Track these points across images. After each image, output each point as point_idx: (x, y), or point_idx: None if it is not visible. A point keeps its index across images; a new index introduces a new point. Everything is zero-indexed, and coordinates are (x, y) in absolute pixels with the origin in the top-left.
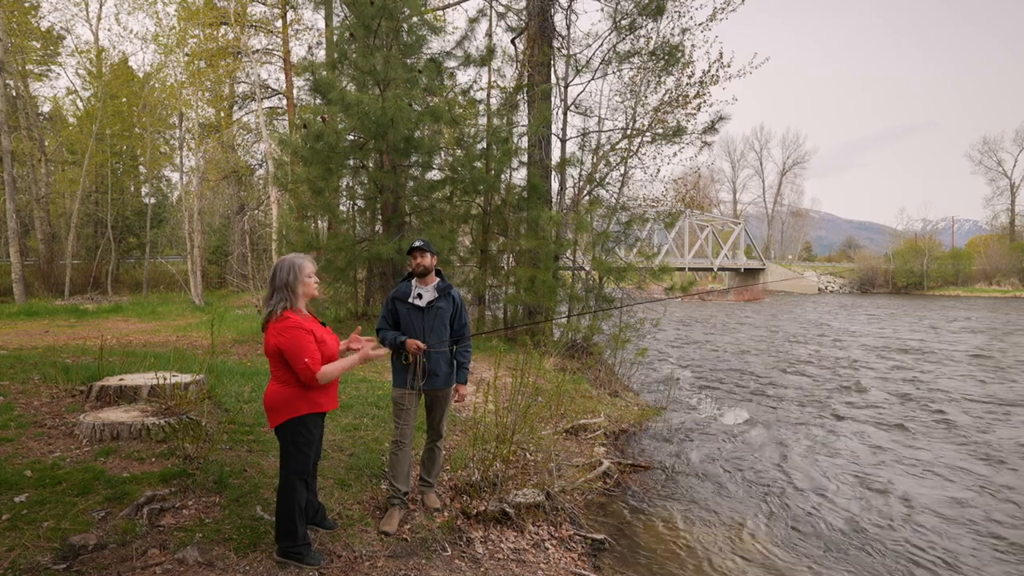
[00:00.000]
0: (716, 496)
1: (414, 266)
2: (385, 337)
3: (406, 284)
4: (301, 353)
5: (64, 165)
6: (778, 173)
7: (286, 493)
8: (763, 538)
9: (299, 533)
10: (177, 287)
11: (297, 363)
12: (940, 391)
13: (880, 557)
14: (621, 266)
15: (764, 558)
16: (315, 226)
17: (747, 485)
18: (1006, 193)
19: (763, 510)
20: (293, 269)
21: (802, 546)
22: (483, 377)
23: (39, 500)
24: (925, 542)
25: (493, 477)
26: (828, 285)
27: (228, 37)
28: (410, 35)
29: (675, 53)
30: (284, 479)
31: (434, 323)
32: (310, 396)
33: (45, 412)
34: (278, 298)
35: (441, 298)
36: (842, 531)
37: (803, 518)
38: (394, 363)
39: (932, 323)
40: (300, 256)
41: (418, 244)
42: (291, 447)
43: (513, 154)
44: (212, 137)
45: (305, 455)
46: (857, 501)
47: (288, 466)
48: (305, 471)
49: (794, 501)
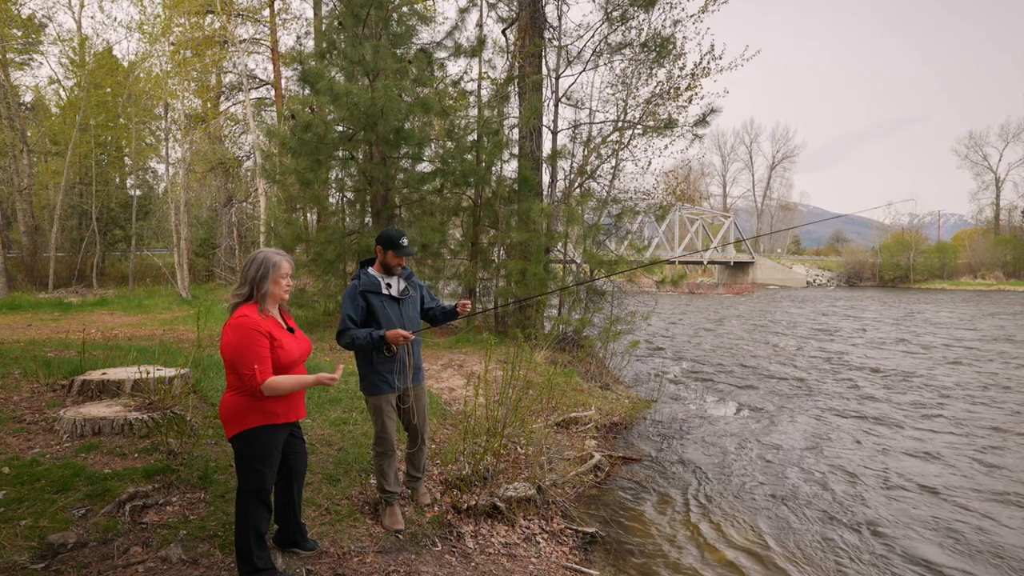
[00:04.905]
0: (706, 487)
1: (394, 265)
2: (356, 337)
3: (368, 275)
4: (249, 357)
5: (47, 156)
6: (768, 167)
7: (240, 513)
8: (753, 528)
9: (256, 559)
10: (164, 280)
11: (243, 367)
12: (926, 380)
13: (872, 545)
14: (612, 259)
15: (754, 548)
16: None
17: (737, 476)
18: (991, 187)
19: (753, 500)
20: (266, 266)
21: (793, 535)
22: (474, 370)
23: (17, 498)
24: (917, 529)
25: (484, 471)
26: (816, 278)
27: (214, 26)
28: (400, 25)
29: (666, 45)
30: (238, 497)
31: (411, 312)
32: (263, 406)
33: (25, 407)
34: (242, 293)
35: (411, 286)
36: (832, 520)
37: (793, 507)
38: (369, 367)
39: (918, 315)
40: (278, 253)
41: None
42: (243, 462)
43: (504, 146)
44: (199, 128)
45: (258, 472)
46: (847, 489)
47: (241, 482)
48: (261, 489)
49: (784, 491)
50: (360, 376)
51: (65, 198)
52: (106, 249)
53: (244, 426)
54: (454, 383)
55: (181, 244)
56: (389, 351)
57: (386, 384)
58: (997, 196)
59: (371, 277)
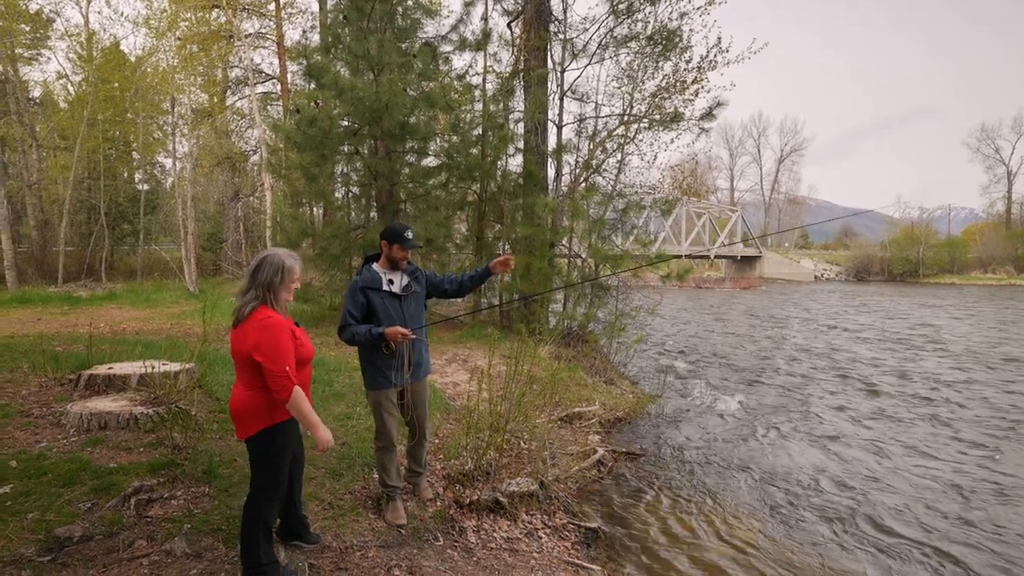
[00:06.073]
0: (710, 483)
1: (399, 259)
2: (356, 332)
3: (371, 271)
4: (283, 357)
5: (56, 151)
6: (776, 160)
7: (254, 510)
8: (756, 524)
9: (262, 554)
10: (171, 274)
11: (277, 367)
12: (935, 378)
13: (871, 543)
14: (617, 254)
15: (757, 545)
16: (310, 213)
17: (741, 472)
18: (1003, 181)
19: (756, 496)
20: (282, 271)
21: (796, 531)
22: (478, 365)
23: (24, 491)
24: (921, 532)
25: (486, 466)
26: (824, 273)
27: (220, 20)
28: (404, 19)
29: (673, 38)
30: (254, 495)
31: (413, 309)
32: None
33: (32, 401)
34: (254, 295)
35: (414, 281)
36: (836, 518)
37: (797, 503)
38: (370, 362)
39: (928, 309)
40: (291, 256)
41: (415, 241)
42: (264, 460)
43: (509, 140)
44: (205, 123)
45: (277, 469)
46: (852, 487)
47: (260, 481)
48: (279, 486)
49: (787, 487)
50: (363, 371)
51: (74, 193)
52: (114, 243)
53: (264, 423)
54: (458, 378)
55: (188, 239)
56: (388, 349)
57: (385, 379)
58: (1009, 189)
59: (373, 273)
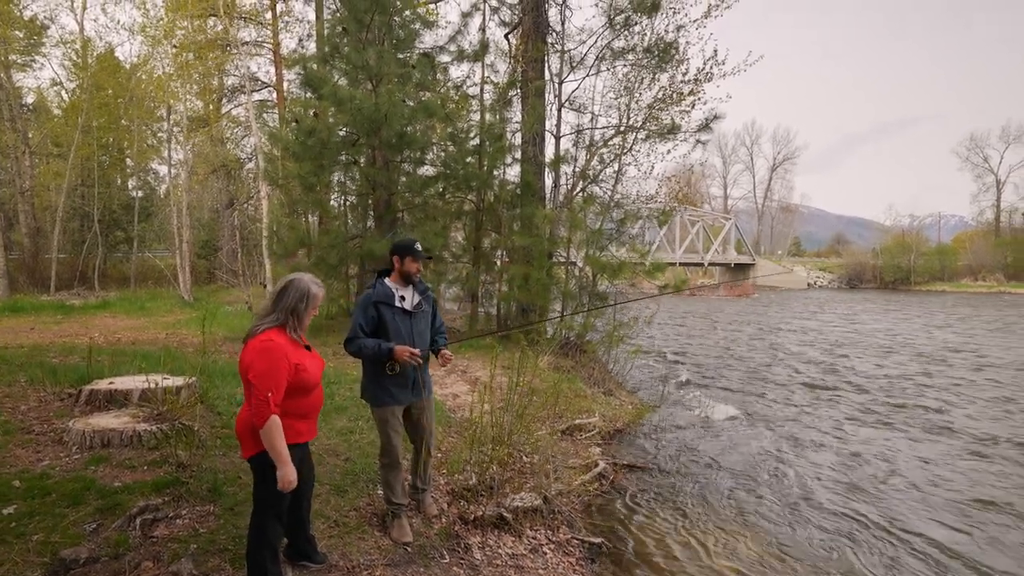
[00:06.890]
0: (711, 494)
1: (413, 272)
2: (364, 346)
3: (384, 285)
4: (268, 383)
5: (49, 158)
6: (768, 169)
7: (259, 531)
8: (759, 537)
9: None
10: (165, 282)
11: (259, 391)
12: (929, 386)
13: (883, 549)
14: (615, 263)
15: (760, 557)
16: (306, 222)
17: (742, 482)
18: (992, 189)
19: (759, 507)
20: (307, 297)
21: (799, 545)
22: (478, 376)
23: (28, 512)
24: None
25: (490, 481)
26: (817, 280)
27: (217, 29)
28: (403, 29)
29: (669, 50)
30: (257, 517)
31: (422, 327)
32: (288, 424)
33: (33, 417)
34: (273, 318)
35: (424, 300)
36: (844, 531)
37: (800, 515)
38: (374, 378)
39: (918, 318)
40: (315, 283)
41: (424, 253)
42: (264, 482)
43: (506, 151)
44: (201, 130)
45: (280, 491)
46: (855, 496)
47: (261, 502)
48: (282, 509)
49: (790, 497)
50: (363, 386)
51: (67, 200)
52: (108, 251)
53: None
54: (458, 389)
55: (183, 246)
56: (392, 370)
57: (391, 397)
58: (998, 198)
59: (386, 288)
